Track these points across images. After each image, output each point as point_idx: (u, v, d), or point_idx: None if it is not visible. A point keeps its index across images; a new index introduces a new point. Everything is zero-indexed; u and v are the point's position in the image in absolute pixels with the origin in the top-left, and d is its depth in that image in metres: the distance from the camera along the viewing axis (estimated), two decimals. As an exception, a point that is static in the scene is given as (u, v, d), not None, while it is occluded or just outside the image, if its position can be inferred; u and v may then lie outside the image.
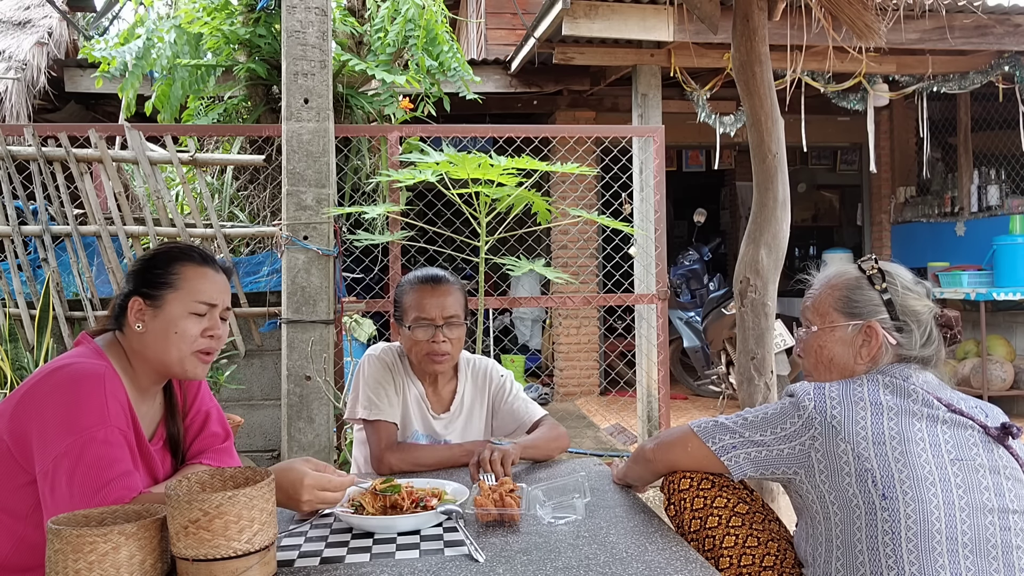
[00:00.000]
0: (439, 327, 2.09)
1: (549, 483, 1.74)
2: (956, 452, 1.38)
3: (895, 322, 1.51)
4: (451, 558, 1.37)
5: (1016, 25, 5.52)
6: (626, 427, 5.64)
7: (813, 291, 1.63)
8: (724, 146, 6.22)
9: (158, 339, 1.55)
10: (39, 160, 3.95)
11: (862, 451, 1.38)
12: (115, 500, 1.34)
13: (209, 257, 1.64)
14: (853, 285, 1.56)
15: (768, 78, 3.12)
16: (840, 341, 1.55)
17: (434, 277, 2.16)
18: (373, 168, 4.75)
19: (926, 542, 1.32)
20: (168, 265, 1.58)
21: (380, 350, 2.20)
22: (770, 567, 1.53)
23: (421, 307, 2.10)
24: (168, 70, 4.48)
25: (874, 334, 1.51)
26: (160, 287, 1.56)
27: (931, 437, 1.39)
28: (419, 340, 2.09)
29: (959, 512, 1.33)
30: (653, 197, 4.63)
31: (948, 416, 1.42)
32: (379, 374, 2.14)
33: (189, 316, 1.56)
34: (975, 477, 1.36)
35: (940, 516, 1.33)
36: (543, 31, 5.34)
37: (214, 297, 1.59)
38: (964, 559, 1.31)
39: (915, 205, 7.72)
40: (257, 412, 4.13)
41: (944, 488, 1.34)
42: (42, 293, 3.80)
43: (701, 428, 1.57)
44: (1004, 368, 5.85)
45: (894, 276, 1.54)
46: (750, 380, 3.10)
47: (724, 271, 8.31)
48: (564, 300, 5.16)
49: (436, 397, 2.21)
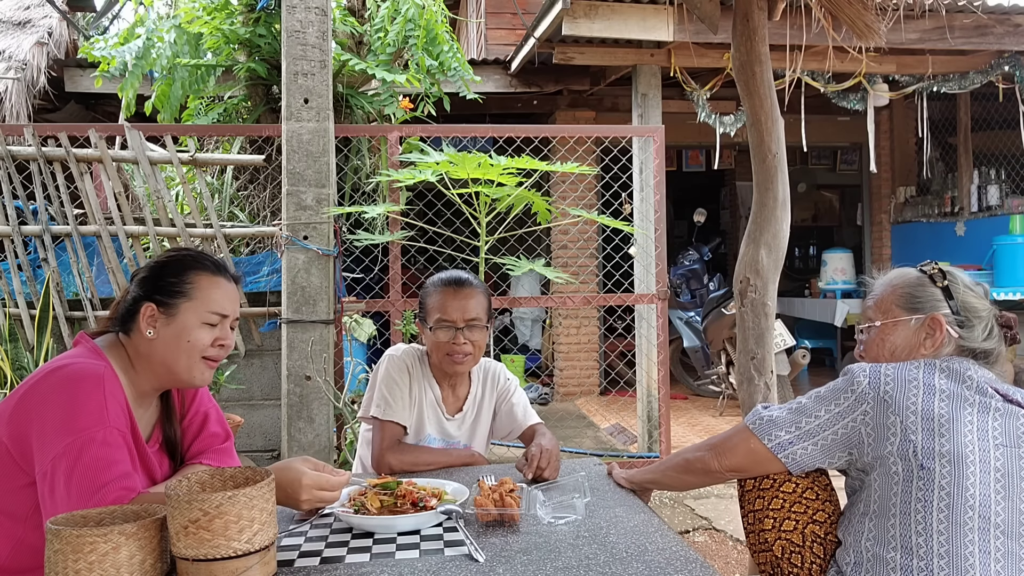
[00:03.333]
0: (460, 329, 2.09)
1: (549, 483, 1.74)
2: (1003, 439, 1.41)
3: (957, 316, 1.55)
4: (451, 558, 1.37)
5: (1016, 25, 5.52)
6: (626, 427, 5.64)
7: (875, 293, 1.67)
8: (724, 146, 6.22)
9: (169, 347, 1.55)
10: (39, 160, 3.95)
11: (910, 424, 1.42)
12: (114, 500, 1.34)
13: (222, 266, 1.64)
14: (915, 283, 1.61)
15: (768, 78, 3.12)
16: (903, 335, 1.60)
17: (457, 280, 2.17)
18: (373, 168, 4.75)
19: (958, 516, 1.35)
20: (182, 273, 1.59)
21: (402, 351, 2.22)
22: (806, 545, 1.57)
23: (443, 309, 2.11)
24: (168, 70, 4.48)
25: (938, 325, 1.56)
26: (174, 295, 1.57)
27: (980, 422, 1.42)
28: (440, 341, 2.10)
29: (995, 494, 1.36)
30: (653, 197, 4.63)
31: (1002, 405, 1.45)
32: (397, 375, 2.16)
33: (202, 326, 1.57)
34: (1019, 464, 1.39)
35: (975, 494, 1.36)
36: (543, 31, 5.34)
37: (227, 308, 1.61)
38: (995, 539, 1.34)
39: (915, 205, 7.72)
40: (257, 412, 4.13)
41: (983, 470, 1.37)
42: (42, 293, 3.80)
43: (757, 425, 1.58)
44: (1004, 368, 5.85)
45: (954, 275, 1.59)
46: (750, 380, 3.10)
47: (724, 271, 8.31)
48: (564, 300, 5.16)
49: (452, 399, 2.24)
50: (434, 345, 2.13)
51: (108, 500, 1.34)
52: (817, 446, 1.52)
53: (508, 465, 2.01)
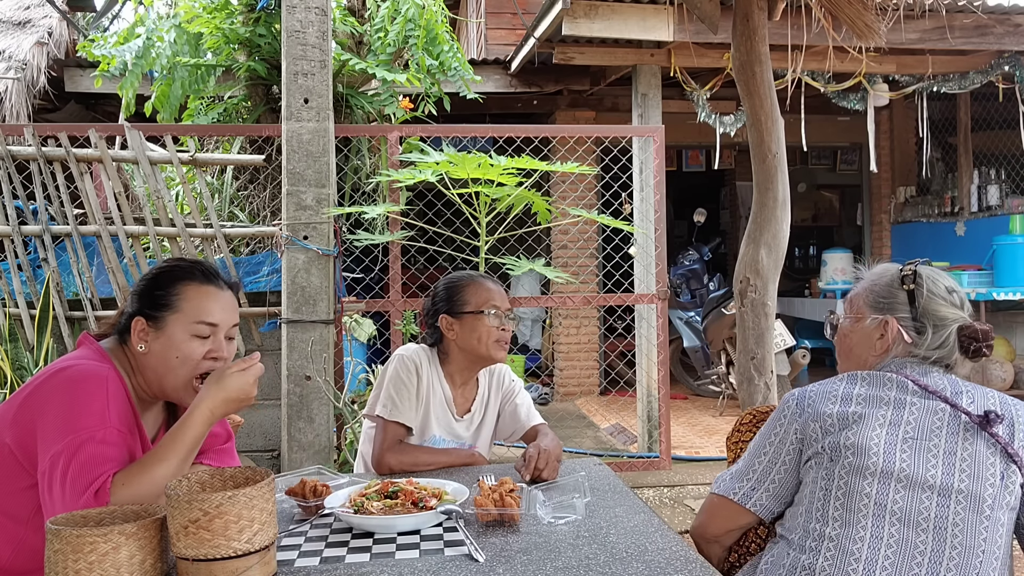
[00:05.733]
0: (505, 316, 2.21)
1: (549, 483, 1.74)
2: (914, 434, 1.46)
3: (915, 322, 1.58)
4: (451, 558, 1.37)
5: (1016, 25, 5.52)
6: (626, 427, 5.64)
7: (855, 287, 1.72)
8: (724, 146, 6.21)
9: (159, 363, 1.53)
10: (39, 160, 3.95)
11: (828, 427, 1.52)
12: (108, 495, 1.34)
13: (213, 274, 1.60)
14: (886, 283, 1.64)
15: (768, 78, 3.12)
16: (862, 332, 1.65)
17: (487, 274, 2.33)
18: (373, 168, 4.75)
19: (853, 504, 1.43)
20: (170, 285, 1.55)
21: (412, 351, 2.23)
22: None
23: (493, 297, 2.21)
24: (168, 69, 4.48)
25: (888, 328, 1.60)
26: (162, 308, 1.54)
27: (894, 417, 1.48)
28: (492, 327, 2.18)
29: (895, 483, 1.42)
30: (653, 197, 4.63)
31: (920, 402, 1.49)
32: (405, 376, 2.16)
33: (191, 339, 1.53)
34: (925, 457, 1.44)
35: (873, 483, 1.43)
36: (543, 31, 5.34)
37: (217, 317, 1.56)
38: (890, 526, 1.41)
39: (915, 205, 7.71)
40: (257, 412, 4.13)
41: (887, 462, 1.44)
42: (42, 293, 3.80)
43: (721, 486, 1.66)
44: (1004, 368, 5.86)
45: (925, 279, 1.60)
46: (750, 380, 3.10)
47: (724, 271, 8.31)
48: (564, 300, 5.16)
49: (461, 400, 2.26)
50: (484, 332, 2.17)
51: (103, 496, 1.33)
52: (775, 482, 1.59)
53: (508, 465, 2.01)
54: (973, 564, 1.37)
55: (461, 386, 2.26)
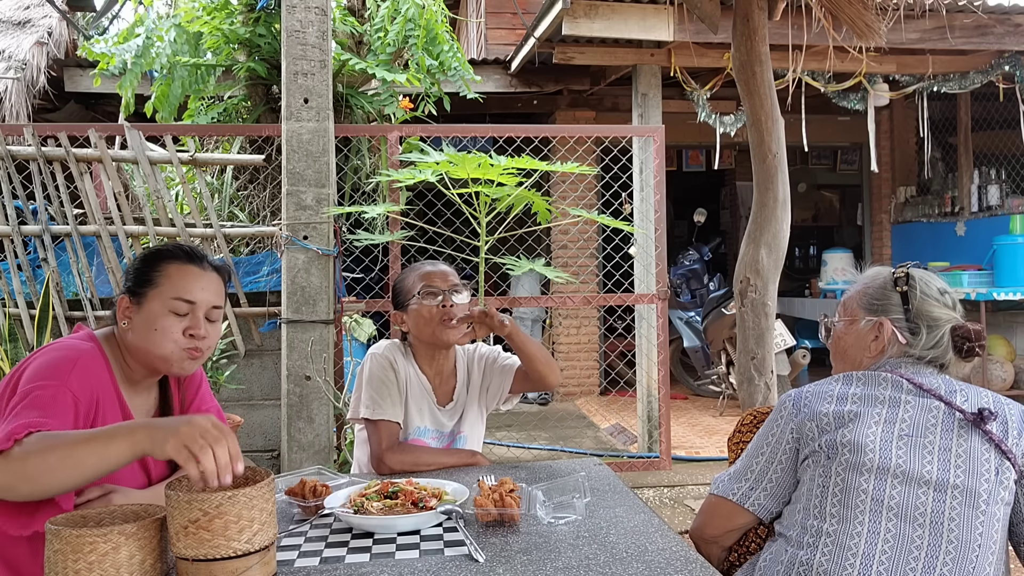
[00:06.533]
0: (445, 292, 2.16)
1: (549, 483, 1.74)
2: (910, 431, 1.49)
3: (909, 323, 1.60)
4: (451, 558, 1.37)
5: (1016, 25, 5.52)
6: (626, 427, 5.64)
7: (849, 290, 1.74)
8: (724, 146, 6.22)
9: (139, 336, 1.56)
10: (39, 160, 3.95)
11: (824, 425, 1.54)
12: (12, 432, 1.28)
13: (197, 255, 1.63)
14: (880, 285, 1.66)
15: (768, 78, 3.12)
16: (856, 334, 1.67)
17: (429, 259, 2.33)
18: (373, 168, 4.74)
19: (850, 500, 1.45)
20: (153, 264, 1.60)
21: (383, 348, 2.21)
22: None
23: (426, 278, 2.18)
24: (168, 69, 4.48)
25: (883, 330, 1.62)
26: (144, 284, 1.58)
27: (889, 415, 1.50)
28: (431, 306, 2.13)
29: (892, 479, 1.44)
30: (653, 197, 4.63)
31: (915, 400, 1.51)
32: (382, 373, 2.14)
33: (168, 314, 1.55)
34: (921, 453, 1.46)
35: (870, 479, 1.45)
36: (543, 31, 5.34)
37: (196, 295, 1.58)
38: (887, 521, 1.42)
39: (915, 205, 7.71)
40: (257, 412, 4.12)
41: (883, 458, 1.46)
42: (42, 293, 3.80)
43: (719, 487, 1.67)
44: (1004, 368, 5.85)
45: (918, 281, 1.63)
46: (750, 380, 3.10)
47: (724, 271, 8.30)
48: (564, 300, 5.16)
49: (441, 388, 2.24)
50: (426, 314, 2.14)
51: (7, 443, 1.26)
52: (773, 482, 1.61)
53: (508, 465, 2.01)
54: (969, 558, 1.39)
55: (437, 375, 2.24)
